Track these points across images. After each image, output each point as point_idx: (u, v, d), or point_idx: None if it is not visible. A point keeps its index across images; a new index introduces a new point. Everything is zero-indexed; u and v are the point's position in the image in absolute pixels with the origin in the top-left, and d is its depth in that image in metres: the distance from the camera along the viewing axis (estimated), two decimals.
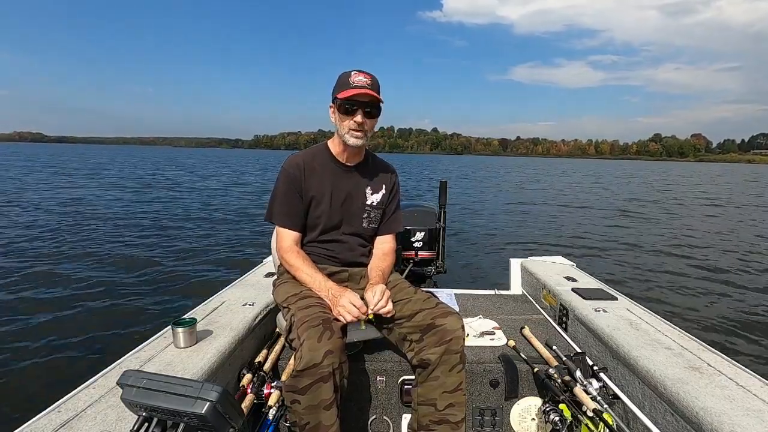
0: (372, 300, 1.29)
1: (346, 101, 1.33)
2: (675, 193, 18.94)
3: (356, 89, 1.31)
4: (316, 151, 1.50)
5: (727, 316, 4.01)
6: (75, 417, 0.96)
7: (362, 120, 1.35)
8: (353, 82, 1.33)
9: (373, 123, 1.41)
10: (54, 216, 7.96)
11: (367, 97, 1.33)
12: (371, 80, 1.35)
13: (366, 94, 1.32)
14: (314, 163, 1.46)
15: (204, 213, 9.32)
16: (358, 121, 1.35)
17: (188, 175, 22.07)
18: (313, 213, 1.46)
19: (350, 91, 1.32)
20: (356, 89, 1.31)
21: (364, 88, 1.32)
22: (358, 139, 1.38)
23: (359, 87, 1.32)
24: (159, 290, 4.14)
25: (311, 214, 1.47)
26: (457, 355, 1.25)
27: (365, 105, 1.35)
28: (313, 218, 1.47)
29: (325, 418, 1.09)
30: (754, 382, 1.17)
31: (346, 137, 1.39)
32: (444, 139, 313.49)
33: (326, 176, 1.46)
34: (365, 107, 1.35)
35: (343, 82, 1.35)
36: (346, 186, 1.48)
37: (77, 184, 14.32)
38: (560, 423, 1.30)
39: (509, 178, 29.17)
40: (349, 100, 1.33)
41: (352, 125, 1.36)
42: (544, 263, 2.49)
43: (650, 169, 61.59)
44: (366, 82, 1.33)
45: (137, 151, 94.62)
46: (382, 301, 1.29)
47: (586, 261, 5.86)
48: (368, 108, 1.36)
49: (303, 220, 1.47)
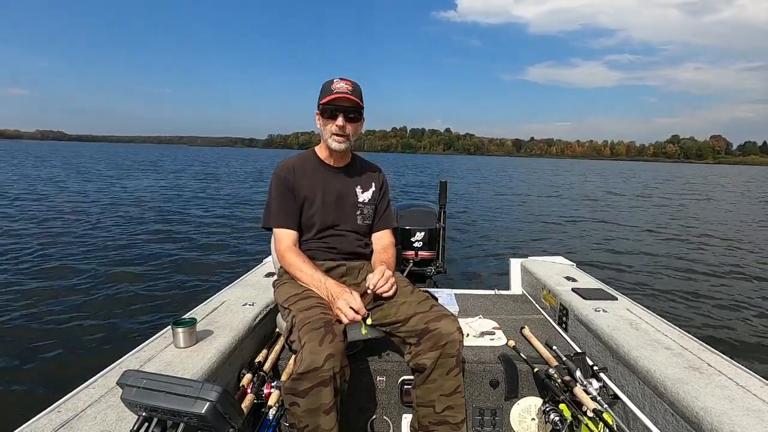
0: (372, 280, 1.32)
1: (328, 105, 1.40)
2: (676, 194, 18.94)
3: (337, 94, 1.39)
4: (305, 157, 1.57)
5: (728, 316, 4.01)
6: (75, 417, 0.96)
7: (343, 123, 1.41)
8: (335, 88, 1.40)
9: (355, 127, 1.47)
10: (54, 216, 7.96)
11: (348, 102, 1.40)
12: (352, 86, 1.43)
13: (346, 99, 1.39)
14: (304, 166, 1.52)
15: (204, 213, 9.32)
16: (339, 124, 1.41)
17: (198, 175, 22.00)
18: (306, 213, 1.50)
19: (332, 96, 1.39)
20: (337, 94, 1.39)
21: (344, 94, 1.39)
22: (340, 143, 1.44)
23: (340, 92, 1.39)
24: (159, 290, 4.14)
25: (305, 214, 1.50)
26: (453, 359, 1.24)
27: (346, 110, 1.41)
28: (307, 218, 1.50)
29: (325, 422, 1.09)
30: (754, 382, 1.16)
31: (329, 141, 1.45)
32: (457, 140, 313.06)
33: (317, 178, 1.50)
34: (346, 112, 1.41)
35: (326, 89, 1.42)
36: (336, 186, 1.53)
37: (80, 185, 14.32)
38: (560, 423, 1.30)
39: (511, 178, 29.17)
40: (330, 104, 1.40)
41: (334, 129, 1.42)
42: (544, 263, 2.49)
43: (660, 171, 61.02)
44: (347, 88, 1.41)
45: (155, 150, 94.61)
46: (382, 280, 1.32)
47: (586, 261, 5.85)
48: (350, 113, 1.42)
49: (299, 220, 1.50)
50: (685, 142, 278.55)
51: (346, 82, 1.41)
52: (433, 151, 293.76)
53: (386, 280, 1.34)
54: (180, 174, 21.93)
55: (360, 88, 1.45)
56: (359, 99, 1.42)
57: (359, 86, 1.45)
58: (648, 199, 15.83)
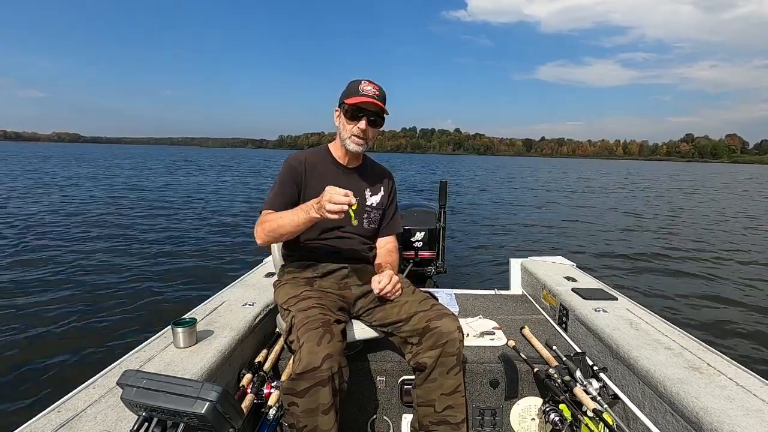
0: (380, 283, 1.33)
1: (354, 107, 1.38)
2: (679, 193, 18.95)
3: (365, 97, 1.36)
4: (318, 152, 1.55)
5: (728, 316, 4.01)
6: (75, 417, 0.96)
7: (366, 127, 1.40)
8: (362, 90, 1.38)
9: (375, 132, 1.45)
10: (54, 215, 7.96)
11: (374, 106, 1.38)
12: (380, 91, 1.40)
13: (373, 104, 1.37)
14: (315, 161, 1.50)
15: (205, 213, 9.32)
16: (362, 127, 1.39)
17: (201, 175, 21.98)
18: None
19: (359, 98, 1.36)
20: (365, 97, 1.36)
21: (372, 98, 1.37)
22: (358, 145, 1.43)
23: (368, 96, 1.37)
24: (159, 290, 4.14)
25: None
26: (453, 358, 1.25)
27: (371, 114, 1.39)
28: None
29: (323, 422, 1.09)
30: (754, 382, 1.16)
31: (347, 142, 1.43)
32: (467, 140, 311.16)
33: (327, 175, 1.48)
34: (370, 116, 1.40)
35: (353, 90, 1.39)
36: (345, 186, 1.48)
37: (83, 185, 14.32)
38: (560, 423, 1.30)
39: (512, 178, 29.19)
40: (356, 106, 1.37)
41: (355, 131, 1.40)
42: (544, 263, 2.49)
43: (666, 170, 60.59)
44: (374, 92, 1.39)
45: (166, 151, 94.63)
46: (389, 285, 1.34)
47: (586, 261, 5.85)
48: (373, 117, 1.40)
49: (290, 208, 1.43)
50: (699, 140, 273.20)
51: (373, 86, 1.39)
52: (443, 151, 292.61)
53: (393, 285, 1.35)
54: (196, 171, 21.92)
55: (385, 94, 1.43)
56: (384, 105, 1.41)
57: (384, 91, 1.43)
58: (649, 199, 15.83)
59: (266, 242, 1.39)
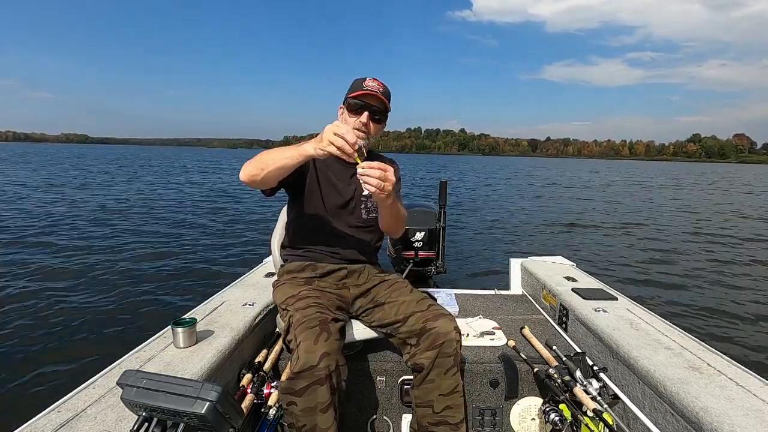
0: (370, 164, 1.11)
1: (356, 99, 1.37)
2: (679, 193, 18.94)
3: (367, 91, 1.37)
4: None
5: (728, 316, 4.01)
6: (75, 417, 0.96)
7: (367, 121, 1.39)
8: (366, 85, 1.38)
9: (377, 128, 1.44)
10: (54, 216, 7.96)
11: (376, 100, 1.38)
12: (383, 88, 1.41)
13: (376, 98, 1.37)
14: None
15: (204, 213, 9.32)
16: (363, 120, 1.38)
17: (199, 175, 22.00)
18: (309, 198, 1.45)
19: (361, 91, 1.37)
20: (367, 91, 1.37)
21: (374, 92, 1.37)
22: (360, 139, 1.38)
23: (371, 90, 1.37)
24: (159, 290, 4.13)
25: (308, 199, 1.45)
26: (451, 359, 1.24)
27: (373, 108, 1.39)
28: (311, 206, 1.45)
29: (322, 420, 1.08)
30: (754, 382, 1.16)
31: None
32: (472, 140, 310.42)
33: (329, 163, 1.45)
34: (373, 110, 1.39)
35: (356, 85, 1.40)
36: (348, 175, 1.48)
37: (83, 185, 14.32)
38: (560, 423, 1.30)
39: (513, 178, 29.18)
40: (358, 98, 1.37)
41: (357, 124, 1.39)
42: (544, 263, 2.49)
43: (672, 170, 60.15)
44: (378, 87, 1.39)
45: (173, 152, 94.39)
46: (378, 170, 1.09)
47: (586, 261, 5.85)
48: (376, 113, 1.40)
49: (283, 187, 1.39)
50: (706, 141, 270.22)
51: (377, 82, 1.40)
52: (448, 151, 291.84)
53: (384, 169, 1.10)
54: (202, 174, 21.91)
55: (389, 92, 1.43)
56: (387, 101, 1.40)
57: (389, 89, 1.43)
58: (648, 199, 15.82)
59: (248, 177, 1.23)
